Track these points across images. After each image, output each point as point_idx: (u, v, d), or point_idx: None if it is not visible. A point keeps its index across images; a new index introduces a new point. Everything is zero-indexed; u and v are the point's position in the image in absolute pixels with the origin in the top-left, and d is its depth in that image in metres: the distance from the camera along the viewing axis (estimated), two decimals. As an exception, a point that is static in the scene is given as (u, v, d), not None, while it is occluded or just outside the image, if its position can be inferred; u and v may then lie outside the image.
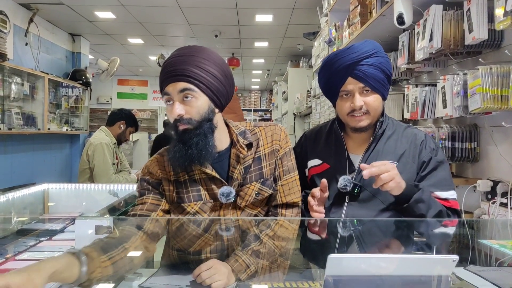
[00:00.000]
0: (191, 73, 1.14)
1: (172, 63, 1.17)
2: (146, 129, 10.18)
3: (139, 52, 7.73)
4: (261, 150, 1.31)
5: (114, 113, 3.45)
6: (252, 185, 1.28)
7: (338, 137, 1.42)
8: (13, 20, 4.78)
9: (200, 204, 1.27)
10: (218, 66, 1.19)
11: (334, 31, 3.54)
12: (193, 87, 1.15)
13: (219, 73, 1.19)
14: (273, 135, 1.33)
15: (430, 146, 1.35)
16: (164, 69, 1.19)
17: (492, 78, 1.64)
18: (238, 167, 1.27)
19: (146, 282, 1.10)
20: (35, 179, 5.24)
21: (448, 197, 1.32)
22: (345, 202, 1.35)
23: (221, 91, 1.21)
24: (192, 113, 1.16)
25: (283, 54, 7.66)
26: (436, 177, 1.32)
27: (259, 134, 1.33)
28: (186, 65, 1.15)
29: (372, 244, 1.33)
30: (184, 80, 1.15)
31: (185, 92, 1.15)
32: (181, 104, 1.16)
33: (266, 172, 1.30)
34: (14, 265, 1.23)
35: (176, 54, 1.19)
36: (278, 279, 1.11)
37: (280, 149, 1.33)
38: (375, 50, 1.31)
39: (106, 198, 2.38)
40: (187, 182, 1.27)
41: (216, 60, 1.20)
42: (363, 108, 1.31)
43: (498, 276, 1.10)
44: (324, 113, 4.22)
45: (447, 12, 1.87)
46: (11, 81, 4.61)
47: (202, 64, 1.16)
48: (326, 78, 1.38)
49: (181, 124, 1.16)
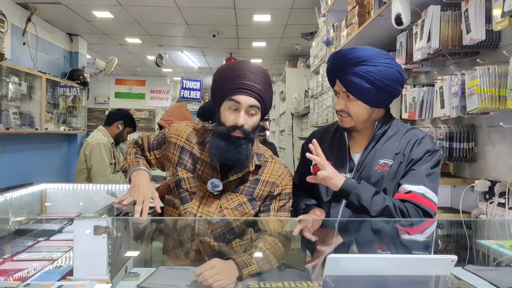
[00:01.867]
0: (262, 94, 1.33)
1: (246, 77, 1.32)
2: (144, 129, 10.15)
3: (137, 52, 7.72)
4: (262, 175, 1.44)
5: (112, 113, 3.45)
6: (240, 196, 1.42)
7: (342, 136, 1.47)
8: (11, 19, 4.76)
9: (189, 175, 1.43)
10: (271, 89, 1.40)
11: (332, 31, 3.55)
12: (259, 105, 1.34)
13: (271, 95, 1.39)
14: (278, 171, 1.46)
15: (424, 147, 1.35)
16: (237, 77, 1.32)
17: (490, 79, 1.64)
18: (239, 175, 1.40)
19: (144, 282, 1.10)
20: (32, 179, 5.22)
21: (413, 190, 1.29)
22: (343, 199, 1.38)
23: (268, 111, 1.42)
24: (250, 125, 1.34)
25: (281, 54, 7.66)
26: (412, 172, 1.32)
27: (269, 163, 1.47)
28: (259, 85, 1.32)
29: (370, 244, 1.34)
30: (256, 98, 1.32)
31: (253, 108, 1.32)
32: (245, 115, 1.32)
33: (257, 194, 1.43)
34: (12, 265, 1.22)
35: (249, 69, 1.34)
36: (276, 279, 1.12)
37: (279, 185, 1.45)
38: (362, 59, 1.30)
39: (103, 198, 2.37)
40: (190, 154, 1.45)
41: (270, 83, 1.40)
42: (344, 110, 1.38)
43: (496, 276, 1.11)
44: (322, 113, 4.22)
45: (445, 13, 1.87)
46: (8, 80, 4.59)
47: (268, 88, 1.36)
48: (327, 74, 1.46)
49: (239, 131, 1.32)
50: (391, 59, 1.36)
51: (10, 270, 1.17)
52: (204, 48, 7.31)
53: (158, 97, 8.03)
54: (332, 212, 1.39)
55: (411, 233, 1.38)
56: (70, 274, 1.05)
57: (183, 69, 9.44)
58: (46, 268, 1.18)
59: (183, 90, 7.12)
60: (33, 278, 1.11)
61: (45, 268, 1.18)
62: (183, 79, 6.82)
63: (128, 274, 1.16)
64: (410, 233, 1.37)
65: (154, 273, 1.15)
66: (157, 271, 1.17)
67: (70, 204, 2.33)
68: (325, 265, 0.78)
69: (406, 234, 1.37)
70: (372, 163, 1.36)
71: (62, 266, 1.21)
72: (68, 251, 1.34)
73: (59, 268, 1.18)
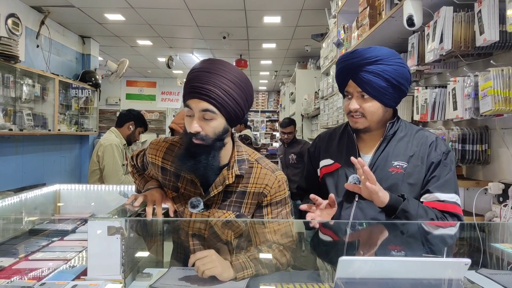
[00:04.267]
0: (215, 95, 1.17)
1: (199, 78, 1.18)
2: (154, 130, 10.22)
3: (148, 54, 7.78)
4: (248, 186, 1.31)
5: (123, 114, 3.48)
6: (227, 213, 1.31)
7: (350, 137, 1.46)
8: (25, 22, 4.85)
9: (175, 195, 1.35)
10: (241, 89, 1.22)
11: (342, 32, 3.53)
12: (214, 109, 1.18)
13: (240, 97, 1.22)
14: (264, 179, 1.31)
15: (440, 149, 1.36)
16: (189, 81, 1.21)
17: (503, 80, 1.62)
18: (219, 188, 1.28)
19: (156, 282, 1.11)
20: (45, 179, 5.30)
21: (446, 199, 1.31)
22: (355, 200, 1.38)
23: (238, 114, 1.23)
24: (208, 131, 1.20)
25: (291, 55, 7.65)
26: (440, 179, 1.33)
27: (254, 170, 1.32)
28: (211, 86, 1.17)
29: (382, 246, 1.33)
30: (207, 101, 1.17)
31: (206, 113, 1.18)
32: (200, 121, 1.20)
33: (245, 209, 1.31)
34: (27, 265, 1.24)
35: (204, 68, 1.20)
36: (287, 280, 1.12)
37: (267, 195, 1.31)
38: (378, 58, 1.31)
39: (116, 198, 2.40)
40: (170, 173, 1.35)
41: (241, 83, 1.22)
42: (359, 111, 1.36)
43: (510, 280, 1.10)
44: (332, 114, 4.21)
45: (457, 14, 1.85)
46: (22, 82, 4.66)
47: (227, 87, 1.18)
48: (336, 76, 1.45)
49: (196, 139, 1.21)
50: (402, 59, 1.38)
51: (25, 269, 1.20)
52: (214, 49, 7.34)
53: (168, 99, 8.08)
54: (344, 214, 1.38)
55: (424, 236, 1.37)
56: (84, 274, 1.07)
57: (193, 71, 9.47)
58: (61, 268, 1.20)
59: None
60: (48, 277, 1.13)
61: (59, 268, 1.20)
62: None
63: (140, 274, 1.17)
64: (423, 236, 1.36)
65: (166, 274, 1.16)
66: (169, 271, 1.19)
67: (82, 204, 2.37)
68: (337, 267, 0.77)
69: (420, 236, 1.36)
70: (385, 165, 1.36)
71: (76, 266, 1.23)
72: (81, 251, 1.36)
73: (73, 268, 1.20)
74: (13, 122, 4.44)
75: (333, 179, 1.44)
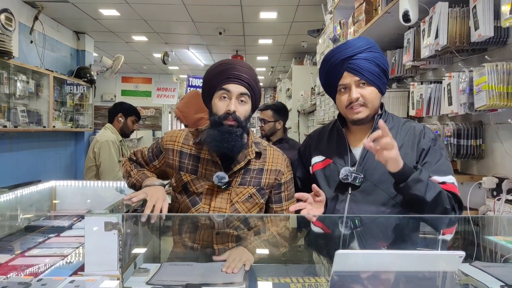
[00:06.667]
0: (251, 83, 1.40)
1: (235, 68, 1.39)
2: (150, 126, 10.20)
3: (143, 50, 7.74)
4: (265, 165, 1.49)
5: (110, 109, 3.50)
6: (248, 188, 1.45)
7: (339, 132, 1.48)
8: (18, 18, 4.80)
9: (193, 177, 1.45)
10: (259, 85, 1.47)
11: (338, 28, 3.53)
12: (249, 94, 1.40)
13: (260, 91, 1.48)
14: (278, 159, 1.52)
15: (429, 136, 1.39)
16: (226, 70, 1.39)
17: (498, 75, 1.64)
18: (242, 164, 1.43)
19: (153, 279, 1.11)
20: (40, 176, 5.27)
21: (445, 181, 1.33)
22: (348, 193, 1.38)
23: (257, 103, 1.47)
24: (241, 113, 1.39)
25: (287, 51, 7.65)
26: (434, 164, 1.35)
27: (268, 151, 1.52)
28: (247, 75, 1.40)
29: (377, 240, 1.34)
30: (245, 87, 1.39)
31: (243, 96, 1.39)
32: (236, 102, 1.38)
33: (264, 183, 1.47)
34: (24, 261, 1.24)
35: (237, 63, 1.43)
36: (284, 274, 1.13)
37: (285, 173, 1.51)
38: (368, 46, 1.37)
39: (112, 195, 2.40)
40: (190, 156, 1.47)
41: (258, 80, 1.48)
42: (360, 100, 1.36)
43: (503, 272, 1.11)
44: (328, 110, 4.21)
45: (452, 9, 1.86)
46: (16, 78, 4.63)
47: (256, 80, 1.44)
48: (325, 74, 1.44)
49: (231, 119, 1.36)
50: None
51: (21, 266, 1.20)
52: (210, 45, 7.32)
53: (164, 95, 8.04)
54: (339, 207, 1.39)
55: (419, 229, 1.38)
56: (81, 270, 1.07)
57: (189, 67, 9.46)
58: (58, 264, 1.21)
59: (189, 88, 7.14)
60: (45, 273, 1.13)
61: (56, 264, 1.20)
62: (189, 76, 6.83)
63: (137, 269, 1.18)
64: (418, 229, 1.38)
65: (159, 270, 1.17)
66: (161, 267, 1.19)
67: (78, 201, 2.36)
68: (333, 261, 0.78)
69: (414, 230, 1.38)
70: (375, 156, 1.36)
71: (73, 262, 1.23)
72: (78, 247, 1.36)
73: (70, 264, 1.20)
74: (7, 119, 4.41)
75: (325, 174, 1.45)
